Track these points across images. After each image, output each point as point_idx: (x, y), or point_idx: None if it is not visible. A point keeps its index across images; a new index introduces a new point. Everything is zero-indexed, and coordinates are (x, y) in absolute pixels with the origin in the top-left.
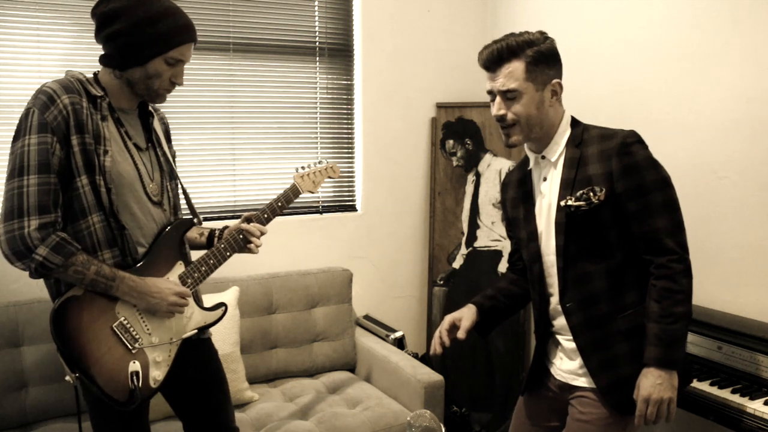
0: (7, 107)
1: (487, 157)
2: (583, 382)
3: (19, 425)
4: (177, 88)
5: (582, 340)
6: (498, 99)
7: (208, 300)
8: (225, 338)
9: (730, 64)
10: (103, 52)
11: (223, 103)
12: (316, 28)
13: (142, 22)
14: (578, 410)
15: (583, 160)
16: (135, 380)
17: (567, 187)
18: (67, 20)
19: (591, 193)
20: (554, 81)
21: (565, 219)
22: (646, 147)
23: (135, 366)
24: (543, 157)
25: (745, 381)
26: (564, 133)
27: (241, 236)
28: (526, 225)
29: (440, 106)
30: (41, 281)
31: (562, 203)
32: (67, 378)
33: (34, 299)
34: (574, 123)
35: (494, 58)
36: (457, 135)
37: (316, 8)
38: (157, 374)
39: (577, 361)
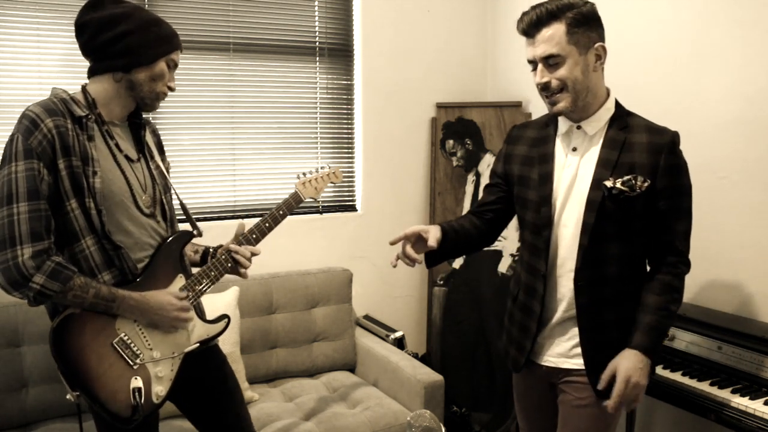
0: (7, 107)
1: (487, 157)
2: (573, 363)
3: (19, 425)
4: (177, 88)
5: (585, 321)
6: (540, 66)
7: (209, 301)
8: (225, 338)
9: (730, 64)
10: (92, 63)
11: (223, 103)
12: (316, 28)
13: (149, 23)
14: (574, 396)
15: (627, 146)
16: (137, 397)
17: (606, 167)
18: (67, 20)
19: (636, 181)
20: (597, 44)
21: (601, 199)
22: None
23: (137, 382)
24: (579, 128)
25: (745, 381)
26: (608, 110)
27: (231, 258)
28: (540, 188)
29: (440, 106)
30: None
31: (608, 183)
32: (69, 396)
33: None
34: (617, 104)
35: (533, 22)
36: (457, 135)
37: (316, 8)
38: (159, 389)
39: (568, 343)
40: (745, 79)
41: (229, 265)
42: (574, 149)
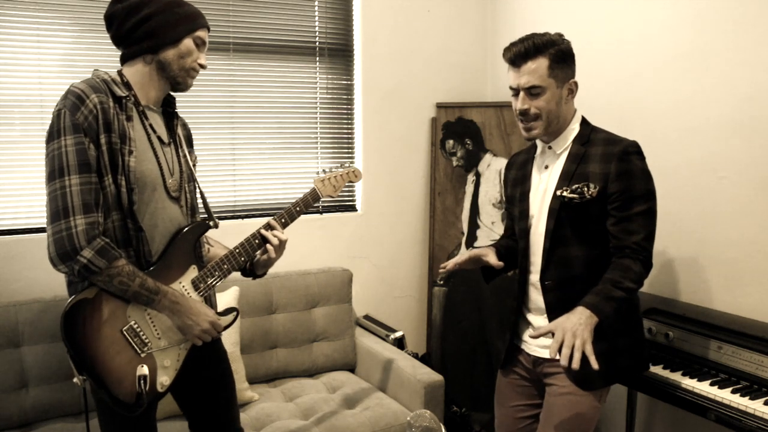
0: (7, 107)
1: (487, 157)
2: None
3: (20, 425)
4: None
5: (554, 317)
6: (522, 95)
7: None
8: (225, 338)
9: (730, 64)
10: (123, 51)
11: (223, 103)
12: (316, 28)
13: (171, 5)
14: (558, 385)
15: (585, 158)
16: (143, 384)
17: (566, 178)
18: (67, 20)
19: (585, 189)
20: (571, 80)
21: (558, 207)
22: (643, 159)
23: (143, 370)
24: (549, 148)
25: (745, 381)
26: (573, 130)
27: (257, 240)
28: (520, 204)
29: (440, 106)
30: (42, 284)
31: (558, 193)
32: (75, 380)
33: (34, 299)
34: (584, 122)
35: (521, 54)
36: (457, 135)
37: (316, 8)
38: (164, 379)
39: (548, 339)
40: (745, 79)
41: (254, 246)
42: (546, 167)
